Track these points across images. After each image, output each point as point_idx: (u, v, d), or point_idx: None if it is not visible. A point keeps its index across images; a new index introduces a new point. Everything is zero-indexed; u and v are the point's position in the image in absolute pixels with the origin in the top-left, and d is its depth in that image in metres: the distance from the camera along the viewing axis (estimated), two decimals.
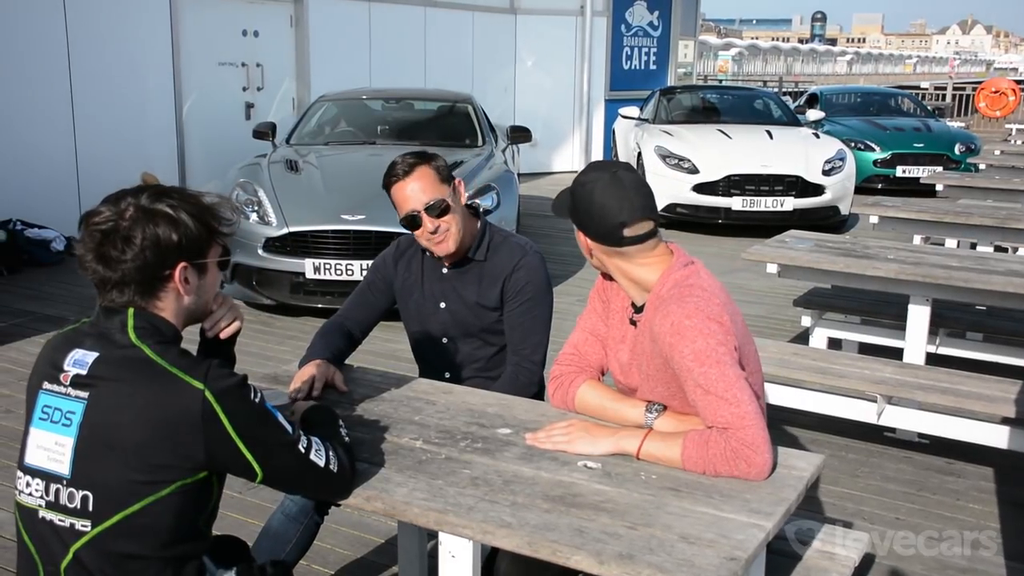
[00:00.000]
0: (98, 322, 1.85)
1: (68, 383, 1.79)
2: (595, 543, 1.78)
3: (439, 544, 1.99)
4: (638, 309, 2.29)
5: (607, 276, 2.38)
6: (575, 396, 2.39)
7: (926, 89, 27.89)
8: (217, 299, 2.02)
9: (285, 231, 6.23)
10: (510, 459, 2.15)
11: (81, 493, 1.76)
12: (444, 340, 2.99)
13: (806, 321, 5.34)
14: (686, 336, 2.08)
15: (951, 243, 6.57)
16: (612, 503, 1.93)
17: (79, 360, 1.80)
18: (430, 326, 3.00)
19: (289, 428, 1.88)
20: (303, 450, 1.88)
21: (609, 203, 2.18)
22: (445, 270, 2.96)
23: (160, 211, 1.82)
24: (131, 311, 1.82)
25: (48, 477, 1.80)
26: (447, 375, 2.98)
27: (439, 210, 2.79)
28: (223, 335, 2.07)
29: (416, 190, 2.79)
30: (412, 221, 2.81)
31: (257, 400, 1.83)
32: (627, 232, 2.18)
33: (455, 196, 2.85)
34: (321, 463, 1.91)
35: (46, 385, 1.83)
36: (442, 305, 2.96)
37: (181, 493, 1.77)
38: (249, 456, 1.80)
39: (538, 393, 2.95)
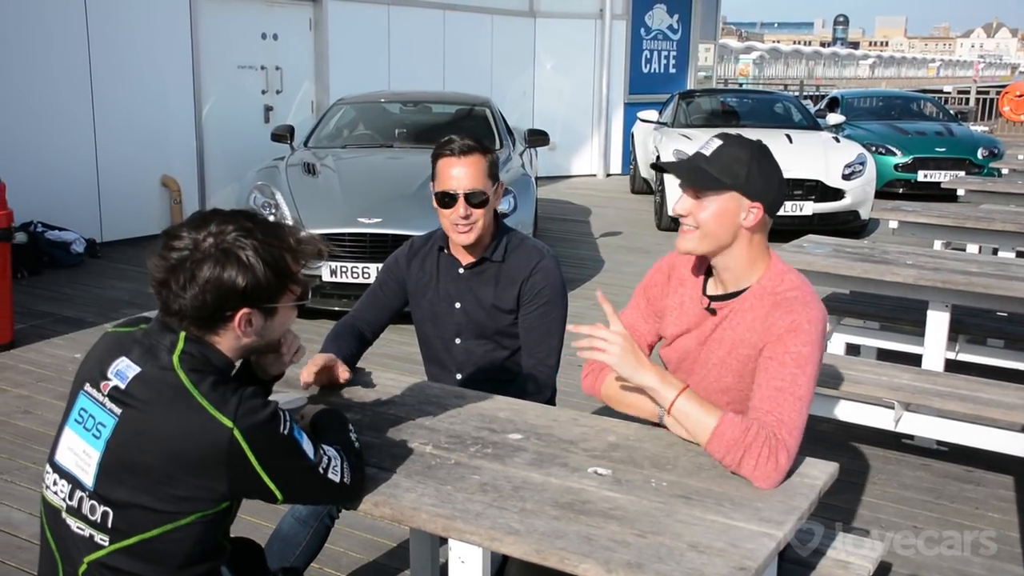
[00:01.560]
0: (152, 333, 1.83)
1: (106, 393, 1.79)
2: (603, 551, 1.76)
3: (449, 550, 1.98)
4: (726, 296, 2.28)
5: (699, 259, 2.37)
6: (603, 383, 2.42)
7: (949, 93, 27.72)
8: (287, 340, 2.00)
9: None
10: (520, 465, 2.13)
11: (102, 508, 1.76)
12: (457, 340, 2.98)
13: None
14: (800, 337, 2.11)
15: (972, 248, 6.52)
16: (621, 511, 1.91)
17: (121, 372, 1.78)
18: (444, 326, 2.99)
19: (311, 453, 1.85)
20: (323, 472, 1.87)
21: (783, 177, 2.28)
22: (461, 270, 2.94)
23: (234, 253, 1.77)
24: (183, 335, 1.80)
25: (74, 482, 1.80)
26: (458, 376, 2.97)
27: (478, 201, 2.80)
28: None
29: (464, 173, 2.79)
30: (448, 199, 2.80)
31: (286, 432, 1.79)
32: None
33: (495, 195, 2.86)
34: (337, 479, 1.89)
35: (87, 388, 1.83)
36: (457, 305, 2.95)
37: (202, 523, 1.77)
38: (272, 485, 1.79)
39: (551, 398, 2.94)
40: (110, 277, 7.56)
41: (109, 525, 1.75)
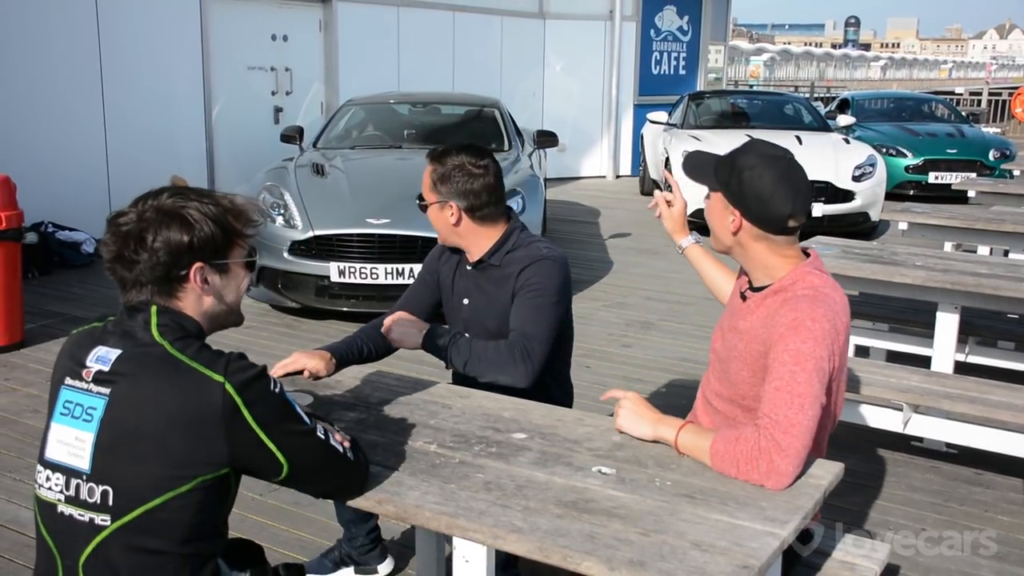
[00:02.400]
0: (122, 320, 1.86)
1: (90, 379, 1.81)
2: (606, 549, 1.76)
3: (453, 548, 1.98)
4: (756, 288, 2.29)
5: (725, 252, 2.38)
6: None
7: (961, 94, 27.59)
8: None
9: (310, 234, 6.26)
10: (524, 464, 2.13)
11: (101, 488, 1.77)
12: (466, 335, 2.99)
13: None
14: (800, 334, 2.09)
15: (983, 250, 6.48)
16: (625, 509, 1.91)
17: (102, 357, 1.81)
18: (456, 322, 3.04)
19: (307, 419, 1.89)
20: (323, 438, 1.90)
21: (783, 192, 2.19)
22: (468, 267, 2.99)
23: (175, 212, 1.84)
24: (154, 309, 1.83)
25: (68, 472, 1.80)
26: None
27: (421, 204, 2.97)
28: None
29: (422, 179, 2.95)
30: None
31: (277, 391, 1.84)
32: (790, 223, 2.21)
33: (441, 209, 2.90)
34: (340, 449, 1.93)
35: (68, 381, 1.84)
36: (465, 301, 3.00)
37: (202, 489, 1.77)
38: (273, 447, 1.80)
39: (562, 398, 2.93)
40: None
41: (110, 503, 1.76)
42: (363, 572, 3.18)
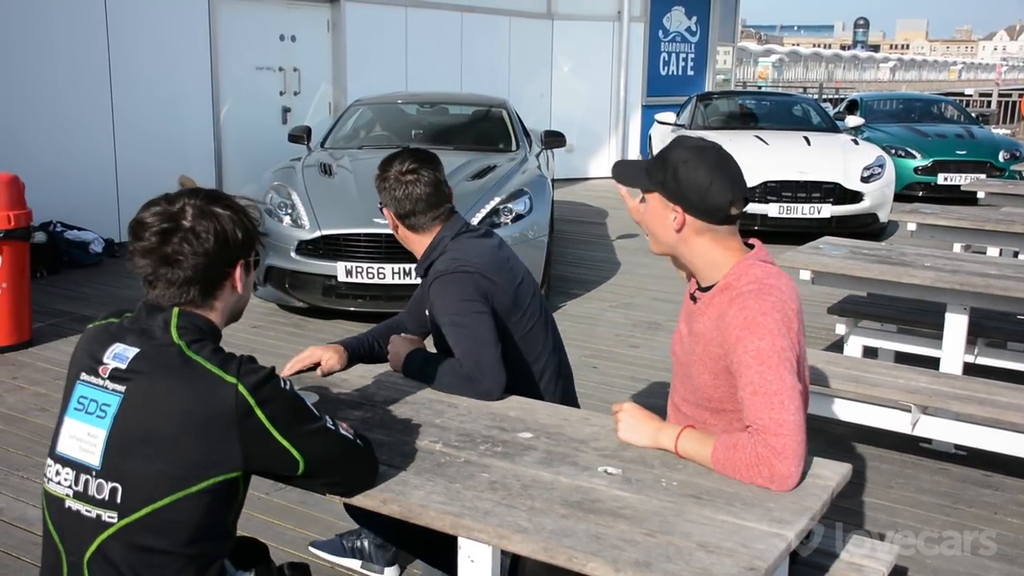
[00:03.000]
0: (140, 318, 1.87)
1: (107, 376, 1.81)
2: (612, 550, 1.75)
3: (458, 548, 1.97)
4: (704, 288, 2.27)
5: (673, 260, 2.36)
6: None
7: (970, 96, 27.48)
8: None
9: (318, 234, 6.26)
10: (530, 464, 2.12)
11: (110, 485, 1.77)
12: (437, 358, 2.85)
13: (840, 329, 5.26)
14: (755, 332, 2.06)
15: (993, 251, 6.45)
16: (631, 510, 1.90)
17: (119, 354, 1.82)
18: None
19: (317, 412, 1.91)
20: (333, 428, 1.92)
21: (720, 179, 2.17)
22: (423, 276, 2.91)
23: (218, 211, 1.88)
24: (176, 311, 1.85)
25: (78, 467, 1.81)
26: None
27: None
28: None
29: None
30: None
31: (288, 389, 1.85)
32: (732, 211, 2.19)
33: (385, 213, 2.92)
34: (351, 436, 1.95)
35: (84, 376, 1.85)
36: (426, 312, 2.87)
37: (211, 491, 1.77)
38: (287, 444, 1.81)
39: (559, 395, 2.91)
40: (128, 276, 7.58)
41: (118, 500, 1.76)
42: (368, 570, 3.19)
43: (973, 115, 15.65)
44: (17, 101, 7.89)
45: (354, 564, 3.21)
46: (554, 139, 8.74)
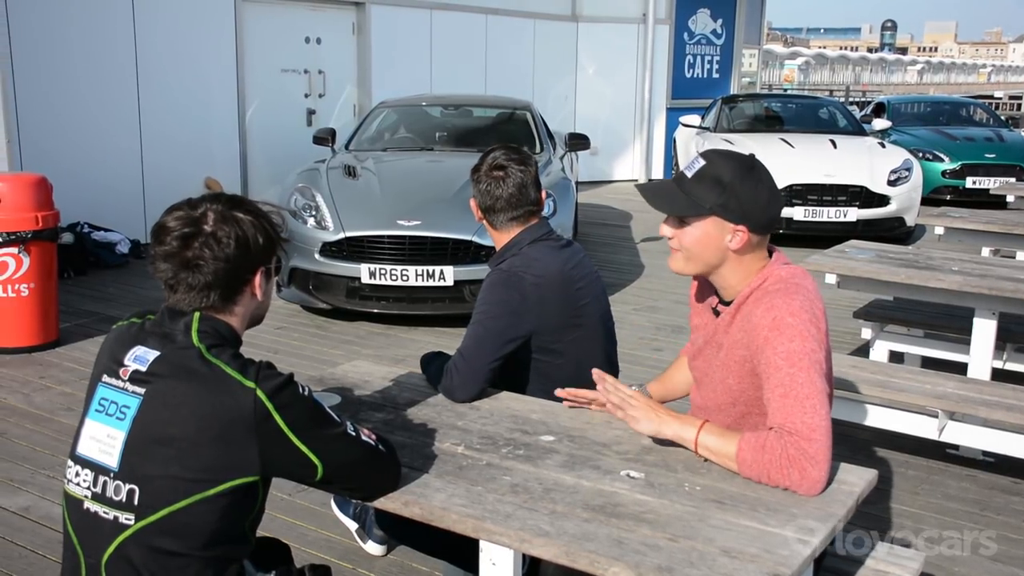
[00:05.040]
0: (162, 322, 1.88)
1: (127, 378, 1.82)
2: (634, 555, 1.74)
3: (480, 551, 1.96)
4: (726, 303, 2.25)
5: (698, 277, 2.34)
6: None
7: (1000, 99, 27.22)
8: None
9: (342, 236, 6.28)
10: (551, 467, 2.11)
11: (128, 487, 1.78)
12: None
13: (866, 333, 5.21)
14: (784, 333, 2.04)
15: (1022, 256, 6.37)
16: (654, 514, 1.89)
17: (140, 357, 1.83)
18: None
19: (336, 417, 1.91)
20: (354, 434, 1.91)
21: (772, 190, 2.17)
22: None
23: (241, 217, 1.88)
24: (197, 315, 1.85)
25: (97, 468, 1.82)
26: None
27: None
28: None
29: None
30: None
31: (306, 394, 1.85)
32: (782, 216, 2.18)
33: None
34: (372, 442, 1.94)
35: (105, 378, 1.86)
36: None
37: (228, 495, 1.77)
38: (305, 449, 1.81)
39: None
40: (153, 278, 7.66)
41: (135, 502, 1.77)
42: (359, 536, 3.34)
43: (1002, 118, 15.49)
44: (46, 104, 7.97)
45: (351, 525, 3.35)
46: (578, 142, 8.73)
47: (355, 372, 2.79)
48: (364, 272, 6.17)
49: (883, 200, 9.37)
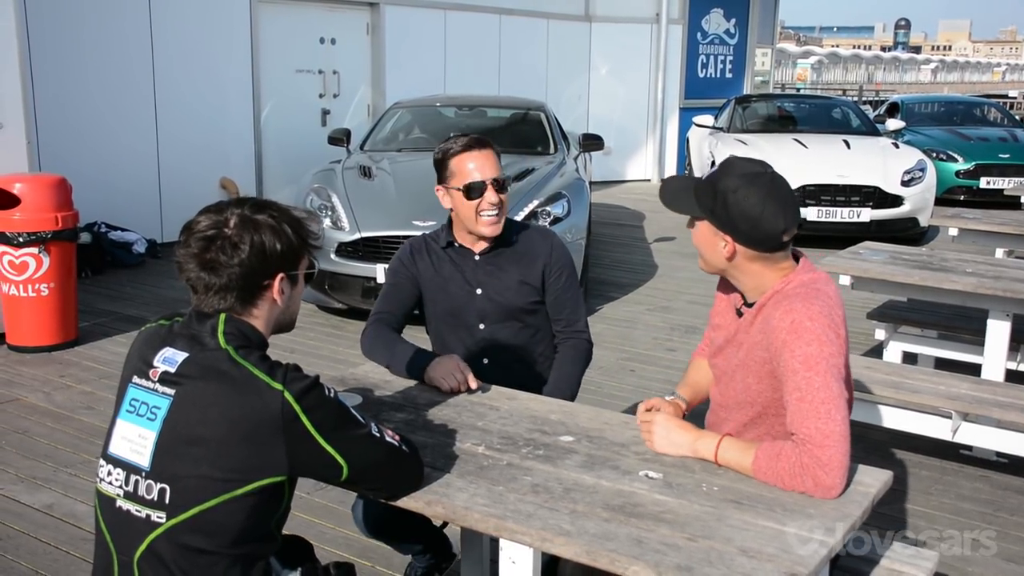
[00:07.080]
0: (190, 324, 1.91)
1: (157, 379, 1.86)
2: (654, 554, 1.77)
3: (500, 550, 2.00)
4: (750, 304, 2.28)
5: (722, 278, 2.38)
6: None
7: (1015, 98, 27.09)
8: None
9: (357, 236, 6.32)
10: (571, 467, 2.15)
11: (159, 486, 1.82)
12: (481, 326, 3.02)
13: (880, 335, 5.23)
14: (802, 337, 2.06)
15: None
16: (672, 514, 1.92)
17: (169, 358, 1.86)
18: (467, 315, 3.02)
19: (361, 418, 1.94)
20: (378, 435, 1.94)
21: (771, 209, 2.14)
22: (477, 257, 3.01)
23: (263, 221, 1.91)
24: (223, 316, 1.89)
25: (129, 468, 1.86)
26: (485, 361, 3.00)
27: (502, 186, 2.91)
28: None
29: (485, 163, 2.89)
30: (478, 189, 2.88)
31: (332, 396, 1.89)
32: (784, 238, 2.18)
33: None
34: (396, 443, 1.98)
35: (136, 379, 1.90)
36: (479, 291, 3.00)
37: (256, 494, 1.81)
38: (332, 450, 1.85)
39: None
40: (170, 277, 7.71)
41: (166, 501, 1.81)
42: None
43: (1017, 118, 15.42)
44: (65, 105, 8.05)
45: None
46: (592, 142, 8.75)
47: (375, 372, 2.83)
48: (380, 272, 6.20)
49: (896, 200, 9.37)
